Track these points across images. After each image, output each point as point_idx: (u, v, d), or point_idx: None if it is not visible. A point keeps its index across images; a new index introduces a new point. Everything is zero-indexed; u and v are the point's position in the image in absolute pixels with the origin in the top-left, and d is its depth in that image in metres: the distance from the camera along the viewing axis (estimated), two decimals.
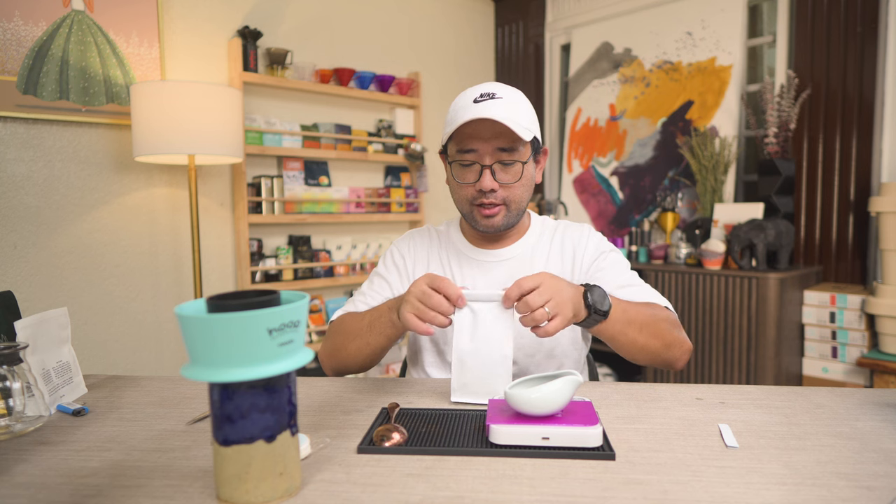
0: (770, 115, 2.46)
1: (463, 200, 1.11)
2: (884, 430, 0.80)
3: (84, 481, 0.68)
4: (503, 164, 1.06)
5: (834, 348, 2.30)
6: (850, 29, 2.41)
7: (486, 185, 1.05)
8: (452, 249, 1.21)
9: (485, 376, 0.91)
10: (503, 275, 1.15)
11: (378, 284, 1.22)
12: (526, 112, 1.07)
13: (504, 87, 1.08)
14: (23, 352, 0.85)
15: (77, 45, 2.08)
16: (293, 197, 2.67)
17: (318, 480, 0.67)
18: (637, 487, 0.64)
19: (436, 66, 3.38)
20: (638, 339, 0.99)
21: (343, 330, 1.11)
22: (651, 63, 3.04)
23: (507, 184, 1.07)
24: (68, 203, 2.11)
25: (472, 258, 1.18)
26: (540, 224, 1.23)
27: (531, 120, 1.08)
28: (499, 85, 1.08)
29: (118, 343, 2.25)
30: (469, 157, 1.06)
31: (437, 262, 1.21)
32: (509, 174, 1.07)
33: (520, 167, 1.07)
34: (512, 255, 1.17)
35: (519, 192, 1.09)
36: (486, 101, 1.03)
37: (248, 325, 0.57)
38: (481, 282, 1.16)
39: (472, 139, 1.05)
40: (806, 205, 2.56)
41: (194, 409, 0.93)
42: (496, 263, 1.17)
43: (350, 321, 1.11)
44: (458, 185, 1.10)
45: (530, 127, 1.06)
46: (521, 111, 1.06)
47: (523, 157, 1.07)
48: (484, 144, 1.04)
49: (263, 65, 2.61)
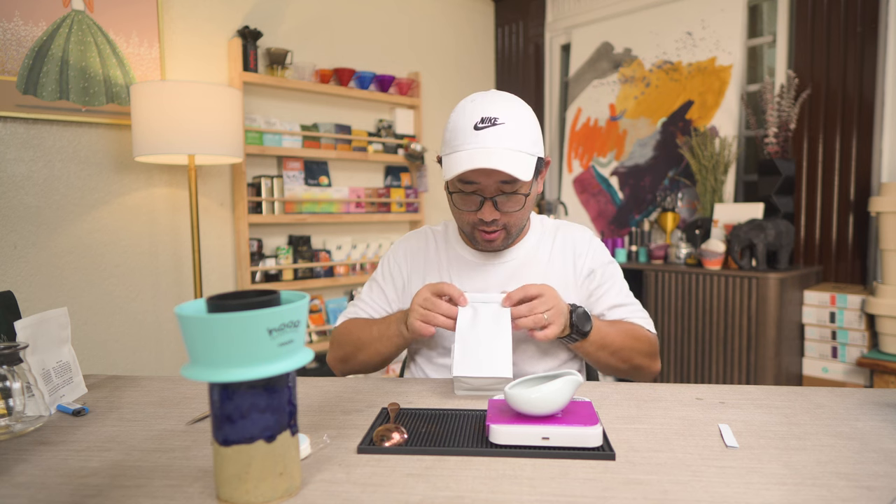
0: (770, 115, 2.46)
1: (463, 223, 1.11)
2: (884, 430, 0.80)
3: (84, 481, 0.68)
4: (505, 195, 1.04)
5: (834, 348, 2.30)
6: (850, 29, 2.41)
7: (486, 216, 1.05)
8: (451, 253, 1.20)
9: (486, 350, 0.94)
10: (503, 277, 1.15)
11: (377, 293, 1.24)
12: (529, 135, 1.02)
13: (506, 108, 1.02)
14: (23, 352, 0.85)
15: (77, 45, 2.08)
16: (293, 197, 2.67)
17: (318, 480, 0.67)
18: (637, 487, 0.64)
19: (436, 66, 3.38)
20: (609, 361, 1.10)
21: (351, 340, 1.15)
22: (651, 63, 3.04)
23: (509, 212, 1.07)
24: (68, 203, 2.11)
25: (472, 261, 1.18)
26: (540, 224, 1.22)
27: (534, 141, 1.03)
28: (501, 104, 1.02)
29: (118, 343, 2.25)
30: (470, 187, 1.04)
31: (434, 268, 1.19)
32: (512, 203, 1.06)
33: (522, 197, 1.05)
34: (513, 257, 1.17)
35: (521, 216, 1.09)
36: (487, 129, 0.99)
37: (248, 325, 0.57)
38: (480, 284, 1.15)
39: (474, 173, 1.01)
40: (806, 205, 2.56)
41: (194, 409, 0.93)
42: (497, 266, 1.16)
43: (357, 331, 1.14)
44: (458, 210, 1.10)
45: (534, 151, 1.02)
46: (524, 136, 1.01)
47: (526, 188, 1.05)
48: (486, 178, 1.01)
49: (263, 65, 2.61)
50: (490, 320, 0.97)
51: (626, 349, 1.10)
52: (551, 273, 1.15)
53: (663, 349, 2.53)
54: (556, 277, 1.14)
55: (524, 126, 1.02)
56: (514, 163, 0.98)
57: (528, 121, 1.04)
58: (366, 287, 1.26)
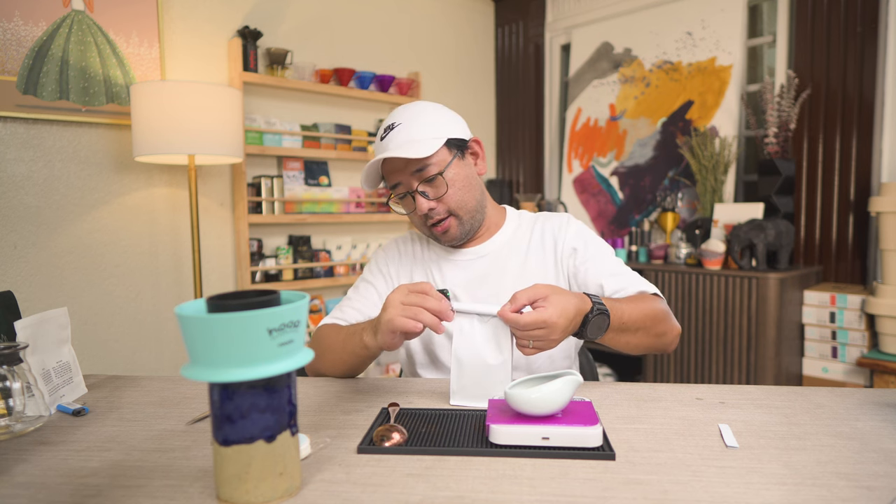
0: (770, 115, 2.46)
1: (419, 226, 1.18)
2: (884, 430, 0.80)
3: (84, 481, 0.68)
4: (427, 182, 1.10)
5: (834, 348, 2.30)
6: (850, 29, 2.41)
7: (422, 207, 1.11)
8: (432, 253, 1.25)
9: (484, 380, 0.91)
10: (480, 270, 1.18)
11: (364, 290, 1.24)
12: (426, 124, 1.10)
13: (404, 111, 1.12)
14: (23, 352, 0.85)
15: (77, 45, 2.08)
16: (293, 197, 2.67)
17: (318, 480, 0.67)
18: (637, 487, 0.64)
19: (436, 66, 3.38)
20: (631, 340, 1.03)
21: (322, 341, 1.13)
22: (651, 63, 3.04)
23: (440, 196, 1.11)
24: (68, 203, 2.11)
25: (451, 259, 1.22)
26: (516, 218, 1.25)
27: (435, 128, 1.10)
28: (400, 111, 1.13)
29: (118, 343, 2.25)
30: (399, 190, 1.13)
31: (420, 266, 1.24)
32: (436, 188, 1.11)
33: (441, 179, 1.10)
34: (487, 251, 1.20)
35: (457, 198, 1.12)
36: (388, 135, 1.10)
37: (248, 325, 0.57)
38: (461, 278, 1.18)
39: (391, 174, 1.12)
40: (806, 205, 2.56)
41: (194, 409, 0.93)
42: (473, 261, 1.20)
43: (329, 334, 1.12)
44: (409, 215, 1.16)
45: (436, 135, 1.09)
46: (419, 126, 1.09)
47: (441, 166, 1.10)
48: (401, 174, 1.11)
49: (263, 65, 2.61)
50: (488, 333, 0.91)
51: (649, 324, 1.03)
52: (530, 260, 1.17)
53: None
54: (536, 263, 1.17)
55: (420, 119, 1.11)
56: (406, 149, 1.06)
57: (427, 114, 1.12)
58: (351, 289, 1.27)
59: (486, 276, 1.17)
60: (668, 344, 1.08)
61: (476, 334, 0.92)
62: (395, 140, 1.09)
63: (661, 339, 1.06)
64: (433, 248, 1.25)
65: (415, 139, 1.08)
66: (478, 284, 1.17)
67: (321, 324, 1.20)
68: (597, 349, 2.94)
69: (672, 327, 1.08)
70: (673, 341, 1.09)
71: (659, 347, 1.08)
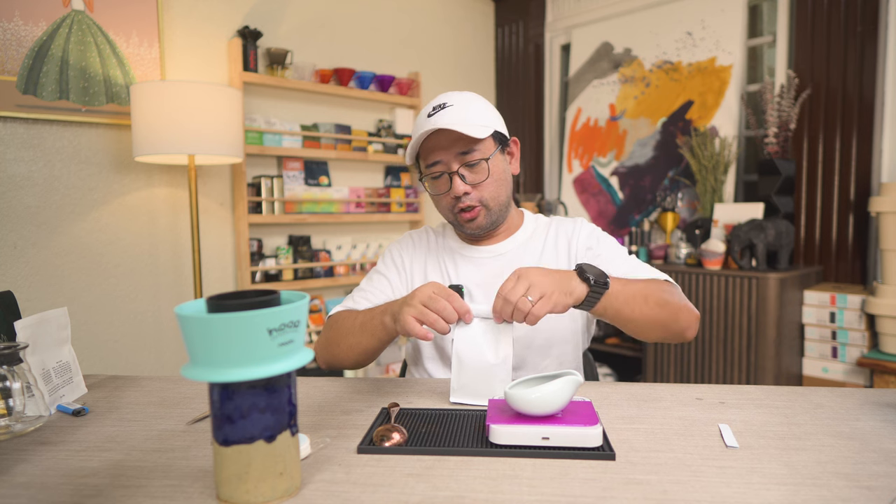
0: (770, 115, 2.46)
1: (445, 210, 1.16)
2: (884, 430, 0.80)
3: (84, 481, 0.68)
4: (469, 167, 1.10)
5: (834, 348, 2.30)
6: (850, 29, 2.41)
7: (458, 189, 1.10)
8: (447, 249, 1.24)
9: (484, 378, 0.91)
10: (496, 269, 1.18)
11: (378, 281, 1.24)
12: (479, 110, 1.10)
13: (456, 95, 1.12)
14: (23, 352, 0.85)
15: (77, 45, 2.08)
16: (293, 197, 2.67)
17: (318, 480, 0.67)
18: (637, 487, 0.64)
19: (436, 66, 3.38)
20: (644, 310, 0.98)
21: (338, 326, 1.13)
22: (651, 63, 3.04)
23: (478, 183, 1.11)
24: (68, 203, 2.11)
25: (466, 256, 1.21)
26: (533, 221, 1.26)
27: (486, 116, 1.11)
28: (451, 94, 1.13)
29: (118, 343, 2.25)
30: (436, 168, 1.11)
31: (434, 261, 1.24)
32: (477, 174, 1.11)
33: (485, 165, 1.10)
34: (504, 250, 1.20)
35: (493, 189, 1.12)
36: (438, 113, 1.08)
37: (248, 325, 0.57)
38: (475, 277, 1.18)
39: (433, 151, 1.10)
40: (806, 205, 2.56)
41: (194, 409, 0.93)
42: (489, 259, 1.20)
43: (346, 318, 1.13)
44: (436, 197, 1.15)
45: (487, 123, 1.09)
46: (473, 111, 1.09)
47: (486, 153, 1.10)
48: (445, 153, 1.09)
49: (263, 65, 2.61)
50: (489, 333, 0.92)
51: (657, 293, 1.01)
52: (544, 262, 1.18)
53: (664, 349, 2.53)
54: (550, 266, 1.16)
55: (474, 105, 1.11)
56: (462, 125, 1.05)
57: (479, 103, 1.12)
58: (364, 280, 1.27)
59: (499, 276, 1.14)
60: (684, 328, 1.03)
61: (477, 333, 0.93)
62: (445, 118, 1.07)
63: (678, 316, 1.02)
64: (448, 242, 1.25)
65: (465, 120, 1.07)
66: (491, 283, 1.16)
67: (333, 311, 1.20)
68: (597, 349, 2.94)
69: (688, 305, 1.04)
70: (689, 326, 1.04)
71: (675, 331, 1.03)
